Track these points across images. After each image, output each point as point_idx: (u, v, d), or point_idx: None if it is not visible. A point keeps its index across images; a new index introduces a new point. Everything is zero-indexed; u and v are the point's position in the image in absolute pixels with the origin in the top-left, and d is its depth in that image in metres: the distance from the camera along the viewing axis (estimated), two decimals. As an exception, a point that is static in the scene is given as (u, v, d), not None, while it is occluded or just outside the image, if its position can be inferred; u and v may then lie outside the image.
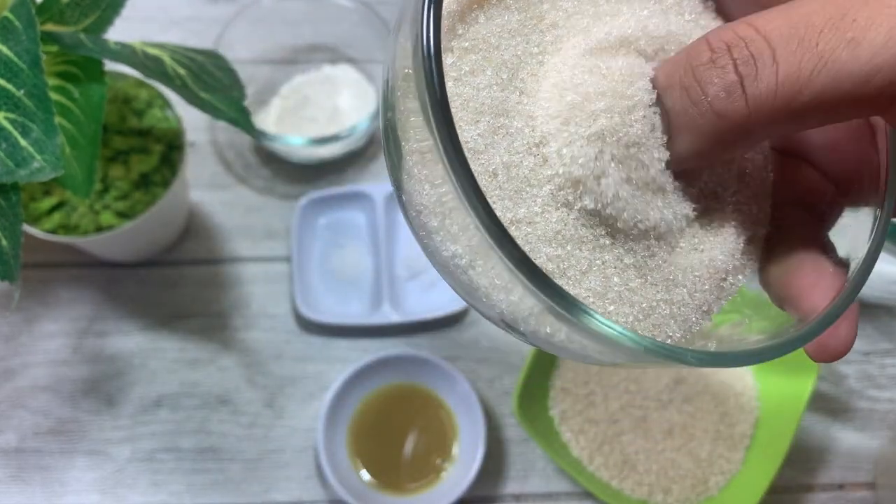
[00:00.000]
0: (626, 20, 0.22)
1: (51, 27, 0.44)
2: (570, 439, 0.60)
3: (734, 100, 0.19)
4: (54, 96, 0.42)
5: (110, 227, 0.54)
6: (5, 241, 0.39)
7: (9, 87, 0.38)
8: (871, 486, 0.62)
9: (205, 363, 0.62)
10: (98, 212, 0.55)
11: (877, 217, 0.22)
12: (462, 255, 0.21)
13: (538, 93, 0.22)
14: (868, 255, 0.22)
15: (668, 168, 0.22)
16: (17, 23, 0.38)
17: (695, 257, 0.23)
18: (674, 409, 0.61)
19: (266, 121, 0.67)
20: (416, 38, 0.19)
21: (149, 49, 0.47)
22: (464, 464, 0.58)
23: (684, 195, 0.23)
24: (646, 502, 0.58)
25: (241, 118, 0.50)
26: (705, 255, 0.23)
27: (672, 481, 0.59)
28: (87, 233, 0.54)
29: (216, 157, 0.68)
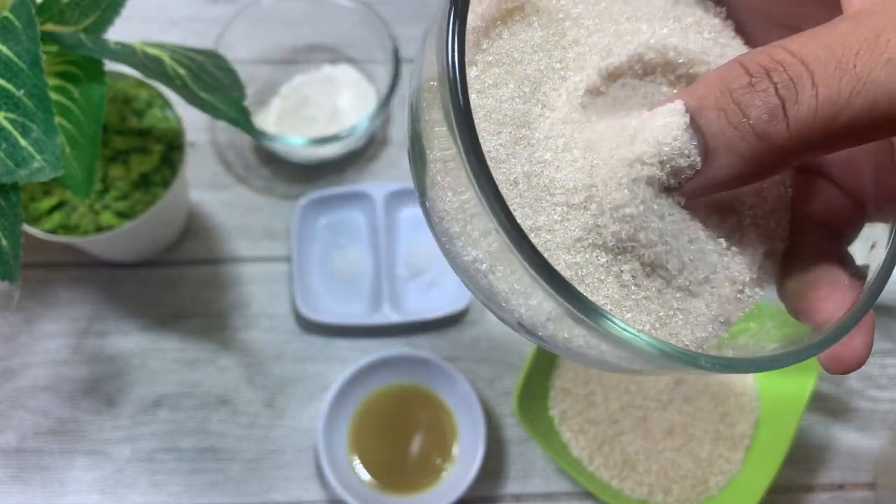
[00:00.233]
0: (647, 39, 0.23)
1: (51, 27, 0.44)
2: (570, 439, 0.60)
3: (776, 123, 0.19)
4: (54, 96, 0.42)
5: (110, 227, 0.54)
6: (5, 241, 0.39)
7: (9, 87, 0.38)
8: (872, 486, 0.62)
9: (205, 363, 0.62)
10: (98, 212, 0.55)
11: (893, 230, 0.23)
12: (483, 260, 0.21)
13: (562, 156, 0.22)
14: (884, 267, 0.22)
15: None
16: (17, 23, 0.38)
17: (712, 269, 0.23)
18: (674, 409, 0.60)
19: (266, 121, 0.67)
20: (441, 51, 0.19)
21: (149, 49, 0.47)
22: (464, 464, 0.58)
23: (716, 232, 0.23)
24: (646, 502, 0.58)
25: (241, 118, 0.50)
26: (723, 268, 0.23)
27: (672, 481, 0.59)
28: (87, 233, 0.54)
29: (216, 157, 0.68)
